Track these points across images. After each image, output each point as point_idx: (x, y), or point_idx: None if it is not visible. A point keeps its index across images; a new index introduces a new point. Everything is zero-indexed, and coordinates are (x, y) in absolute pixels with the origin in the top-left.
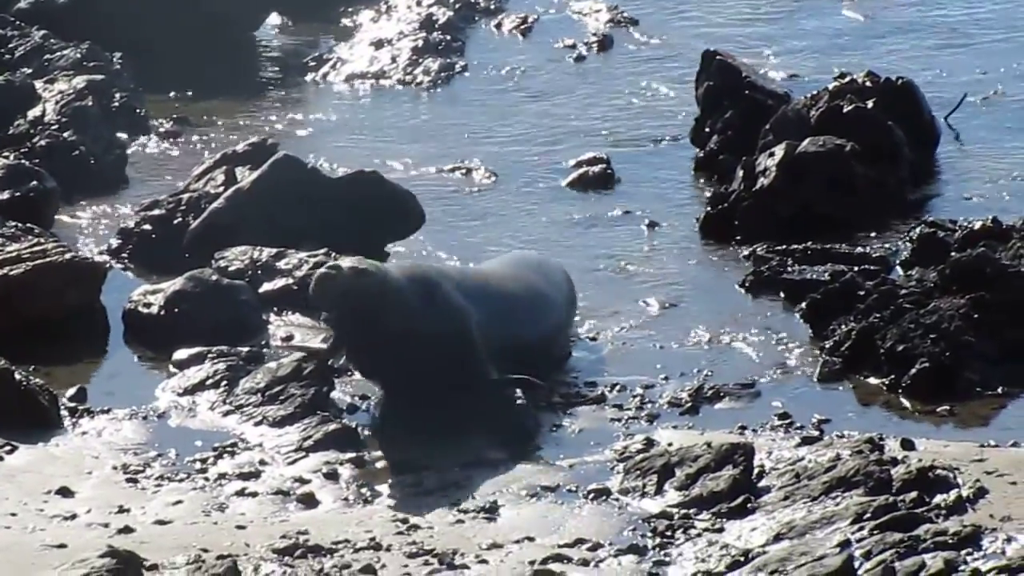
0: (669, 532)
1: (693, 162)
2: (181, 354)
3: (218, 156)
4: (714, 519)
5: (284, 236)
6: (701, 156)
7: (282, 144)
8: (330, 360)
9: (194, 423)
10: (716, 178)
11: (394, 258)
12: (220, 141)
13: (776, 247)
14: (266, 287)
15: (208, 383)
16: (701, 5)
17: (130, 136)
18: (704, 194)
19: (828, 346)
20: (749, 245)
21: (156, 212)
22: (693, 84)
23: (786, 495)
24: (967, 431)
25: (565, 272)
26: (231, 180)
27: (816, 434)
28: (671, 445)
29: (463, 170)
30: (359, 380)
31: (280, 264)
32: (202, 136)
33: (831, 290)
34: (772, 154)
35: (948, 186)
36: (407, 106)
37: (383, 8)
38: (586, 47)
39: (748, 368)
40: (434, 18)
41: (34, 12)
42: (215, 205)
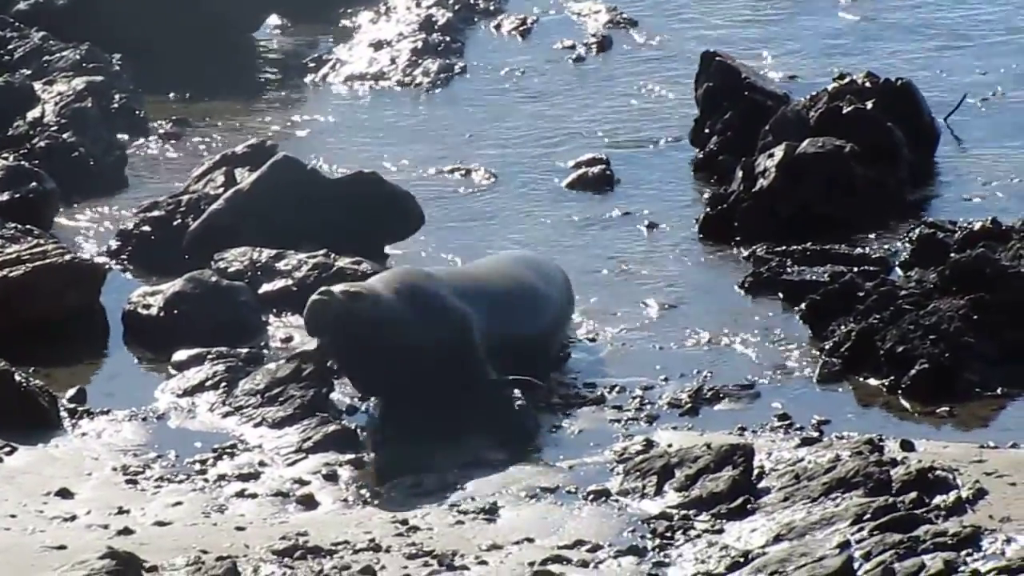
0: (669, 533)
1: (692, 163)
2: (180, 355)
3: (217, 157)
4: (714, 520)
5: (283, 237)
6: (700, 157)
7: (281, 145)
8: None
9: (194, 424)
10: (715, 179)
11: (393, 260)
12: (219, 142)
13: (775, 248)
14: (265, 288)
15: (208, 384)
16: (700, 6)
17: (130, 137)
18: (703, 195)
19: (828, 347)
20: (748, 246)
21: (155, 213)
22: (692, 85)
23: (786, 496)
24: (967, 432)
25: (562, 271)
26: (231, 181)
27: (816, 435)
28: (671, 446)
29: (463, 171)
30: None
31: (279, 265)
32: (201, 137)
33: (831, 291)
34: (771, 155)
35: (948, 187)
36: (406, 107)
37: (382, 9)
38: (585, 48)
39: (748, 369)
40: (433, 19)
41: (33, 13)
42: (214, 206)
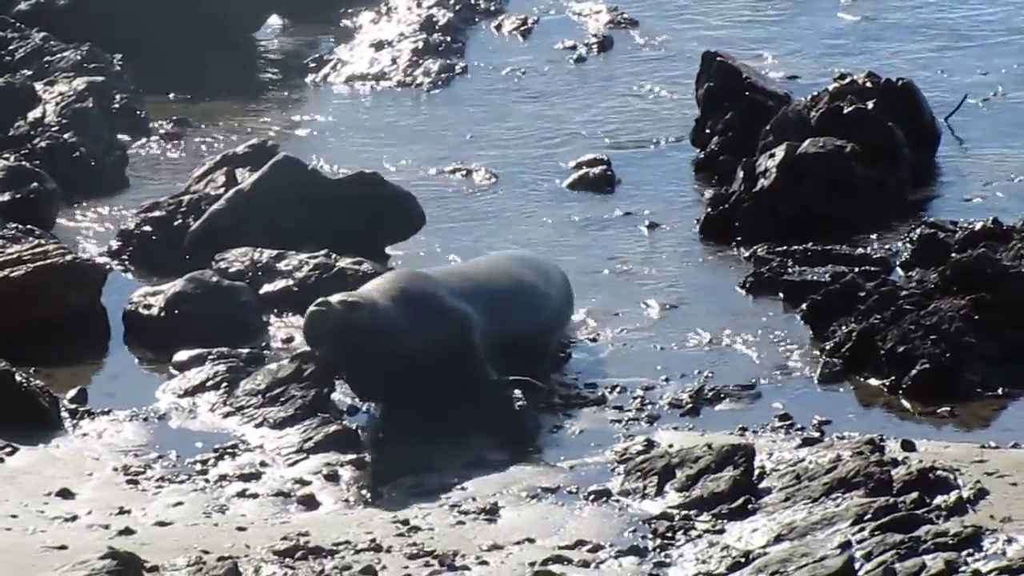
0: (670, 533)
1: (693, 163)
2: (181, 356)
3: (218, 158)
4: (715, 520)
5: (284, 238)
6: (701, 157)
7: (282, 145)
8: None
9: (195, 425)
10: (716, 179)
11: (393, 261)
12: (220, 143)
13: (776, 248)
14: (266, 288)
15: (208, 385)
16: (701, 6)
17: (130, 138)
18: (704, 195)
19: (828, 347)
20: (749, 246)
21: (156, 214)
22: (693, 85)
23: (787, 496)
24: (968, 432)
25: (560, 269)
26: (231, 182)
27: (817, 435)
28: (672, 446)
29: (464, 171)
30: None
31: (280, 266)
32: (202, 138)
33: (831, 291)
34: (772, 155)
35: (948, 187)
36: (407, 107)
37: (383, 9)
38: (586, 48)
39: (748, 369)
40: (434, 19)
41: (34, 14)
42: (215, 207)
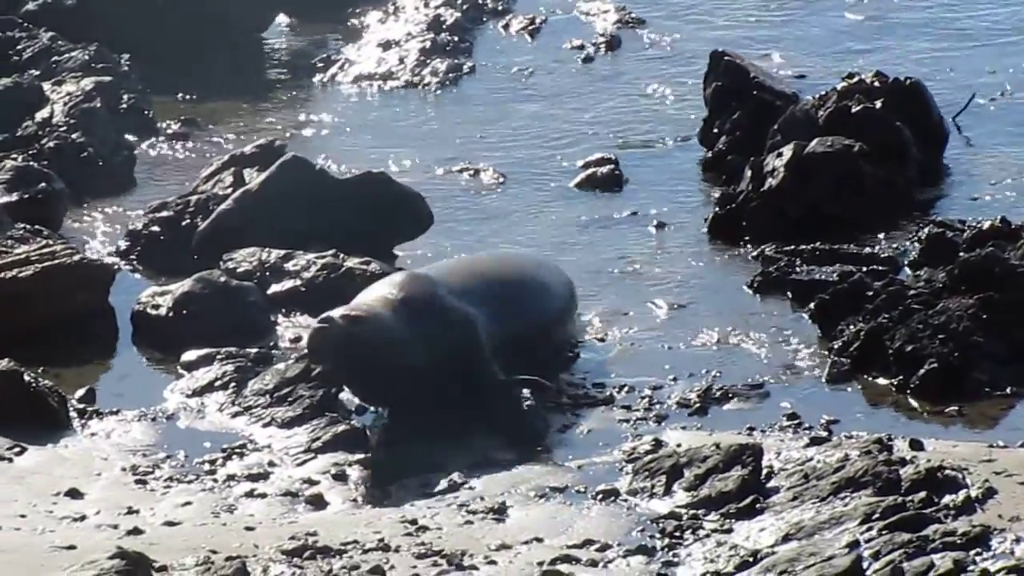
0: (678, 533)
1: (701, 163)
2: (190, 355)
3: (226, 158)
4: (723, 520)
5: (292, 238)
6: (709, 157)
7: (290, 145)
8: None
9: (203, 424)
10: (724, 179)
11: (401, 261)
12: (228, 142)
13: (784, 248)
14: (274, 288)
15: (217, 384)
16: (709, 5)
17: (138, 138)
18: (712, 195)
19: (837, 347)
20: (757, 246)
21: (164, 214)
22: (701, 85)
23: (795, 495)
24: (976, 431)
25: (561, 270)
26: (239, 182)
27: (825, 435)
28: (680, 446)
29: (471, 171)
30: None
31: (288, 266)
32: (210, 138)
33: (839, 291)
34: (780, 154)
35: (956, 186)
36: (415, 107)
37: (391, 9)
38: (594, 48)
39: (756, 369)
40: (442, 19)
41: (42, 14)
42: (223, 207)
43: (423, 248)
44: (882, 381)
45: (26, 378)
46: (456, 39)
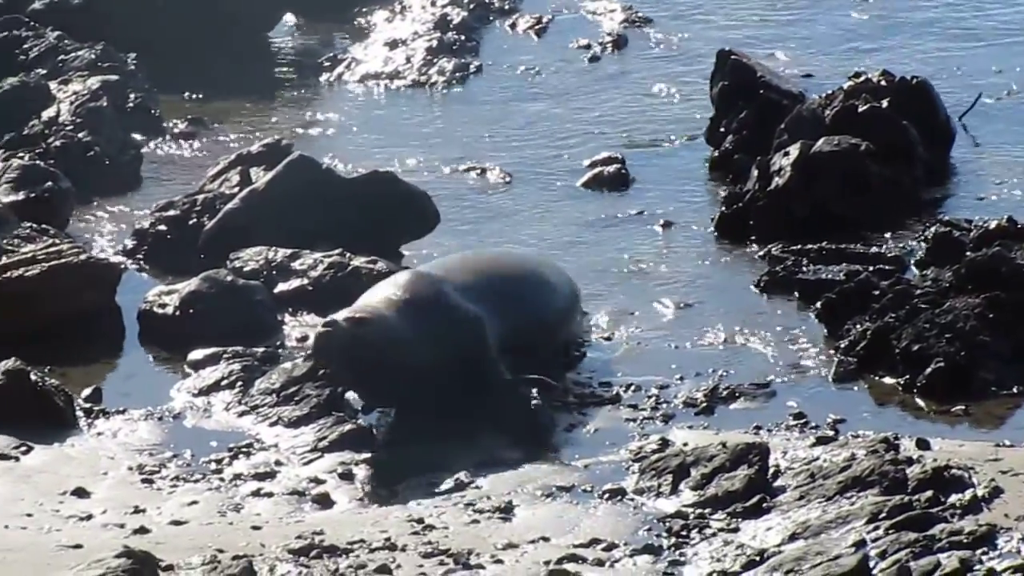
0: (684, 532)
1: (708, 162)
2: (196, 355)
3: (233, 157)
4: (729, 519)
5: (299, 236)
6: (716, 156)
7: (296, 144)
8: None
9: (209, 424)
10: (731, 178)
11: (407, 261)
12: (234, 142)
13: (791, 247)
14: (281, 287)
15: (223, 384)
16: (715, 5)
17: (145, 137)
18: (719, 194)
19: (843, 346)
20: (764, 245)
21: (171, 213)
22: (708, 84)
23: (801, 495)
24: (982, 431)
25: (561, 268)
26: (246, 181)
27: (831, 434)
28: (686, 445)
29: (478, 170)
30: None
31: (295, 264)
32: (217, 137)
33: (846, 290)
34: (787, 154)
35: (963, 185)
36: (422, 106)
37: (397, 8)
38: (601, 47)
39: (763, 368)
40: (448, 18)
41: (48, 13)
42: (230, 206)
43: (429, 247)
44: (888, 380)
45: (33, 377)
46: (463, 38)
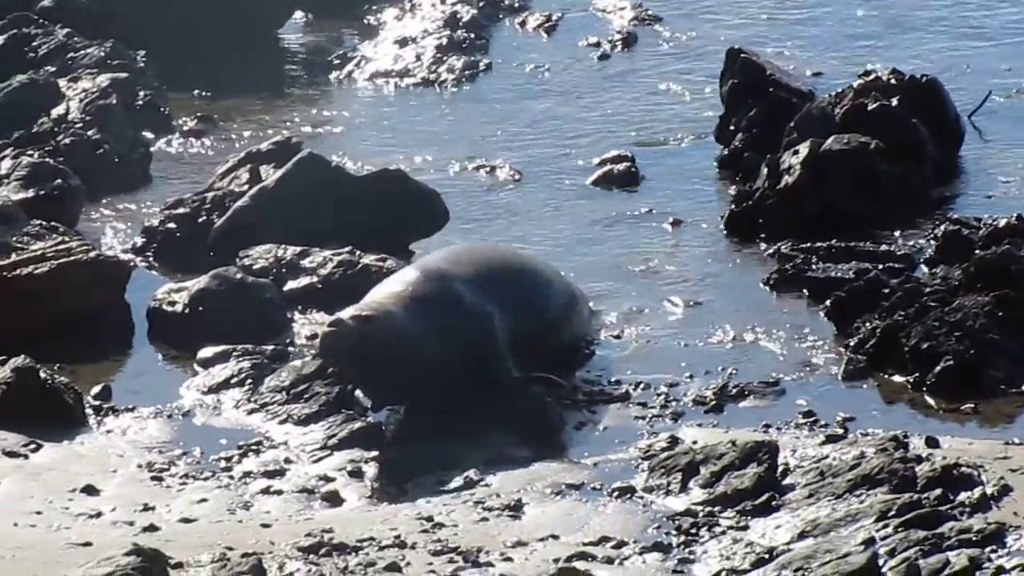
0: (694, 530)
1: (717, 160)
2: (206, 352)
3: (242, 154)
4: (739, 517)
5: (309, 234)
6: (725, 154)
7: (306, 142)
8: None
9: (219, 421)
10: (740, 176)
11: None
12: (244, 139)
13: (800, 245)
14: (291, 285)
15: (233, 381)
16: (725, 3)
17: (154, 135)
18: (728, 192)
19: (852, 344)
20: (773, 243)
21: (180, 210)
22: (717, 82)
23: (810, 493)
24: (992, 429)
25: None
26: (255, 178)
27: (840, 432)
28: (696, 443)
29: (488, 168)
30: None
31: (304, 262)
32: (226, 134)
33: (856, 288)
34: (796, 152)
35: (972, 184)
36: (431, 104)
37: (407, 6)
38: (610, 45)
39: (772, 366)
40: (458, 16)
41: (58, 10)
42: (239, 203)
43: (439, 246)
44: (898, 378)
45: (42, 375)
46: (472, 36)
